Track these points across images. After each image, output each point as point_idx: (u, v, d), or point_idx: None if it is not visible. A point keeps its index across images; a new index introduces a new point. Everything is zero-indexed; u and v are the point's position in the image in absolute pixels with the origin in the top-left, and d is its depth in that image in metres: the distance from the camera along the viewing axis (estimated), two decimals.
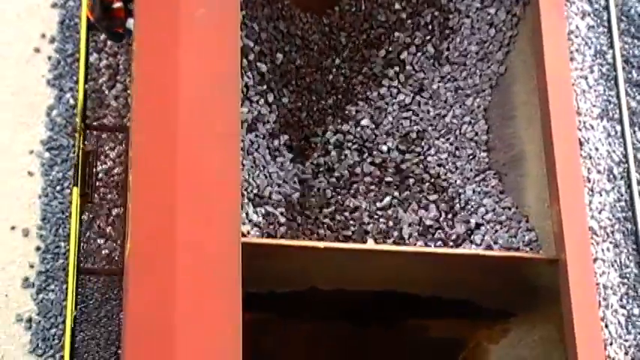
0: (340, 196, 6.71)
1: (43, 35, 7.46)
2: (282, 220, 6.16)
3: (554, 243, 5.98)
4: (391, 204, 6.73)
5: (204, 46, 5.30)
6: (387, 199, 6.74)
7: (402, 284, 6.07)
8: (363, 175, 6.93)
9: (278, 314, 6.23)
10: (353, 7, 7.52)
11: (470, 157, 7.00)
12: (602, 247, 7.87)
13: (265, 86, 6.69)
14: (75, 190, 6.51)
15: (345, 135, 7.14)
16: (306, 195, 6.70)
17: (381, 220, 6.51)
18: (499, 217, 6.54)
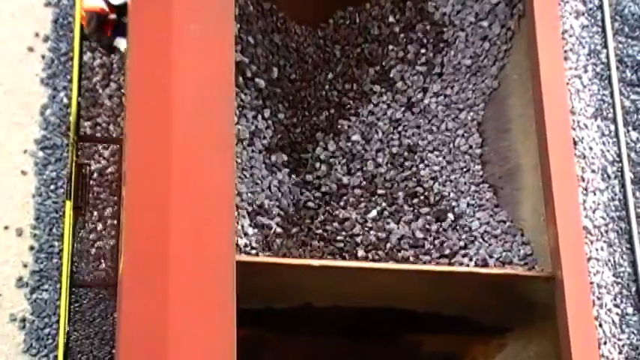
0: (332, 209, 6.69)
1: (36, 34, 7.44)
2: (279, 231, 6.18)
3: (550, 259, 5.97)
4: (382, 216, 6.68)
5: (197, 62, 5.27)
6: (377, 211, 6.69)
7: (398, 301, 6.05)
8: (354, 189, 6.89)
9: (276, 330, 6.21)
10: (347, 20, 7.53)
11: (464, 170, 6.96)
12: (596, 246, 7.88)
13: (261, 102, 6.70)
14: (68, 204, 6.46)
15: (337, 150, 7.12)
16: (301, 207, 6.70)
17: (372, 232, 6.48)
18: (494, 231, 6.51)
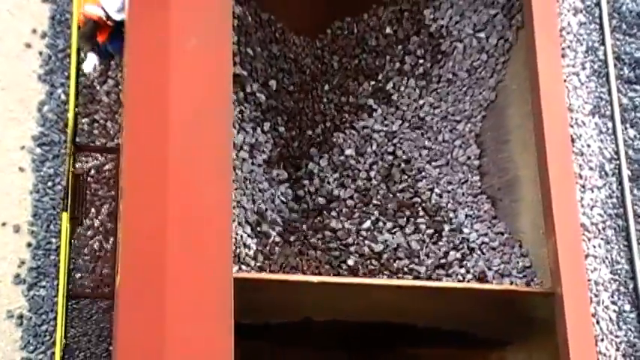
0: (328, 220, 6.68)
1: (34, 30, 7.43)
2: (277, 240, 6.20)
3: (549, 273, 5.94)
4: (377, 227, 6.67)
5: (195, 75, 5.22)
6: (371, 221, 6.68)
7: (397, 315, 6.03)
8: (349, 200, 6.88)
9: (275, 344, 6.21)
10: (345, 31, 7.53)
11: (462, 181, 6.93)
12: (593, 243, 7.89)
13: (261, 114, 6.71)
14: (65, 215, 6.42)
15: (333, 162, 7.12)
16: (298, 218, 6.70)
17: (366, 242, 6.47)
18: (492, 243, 6.49)
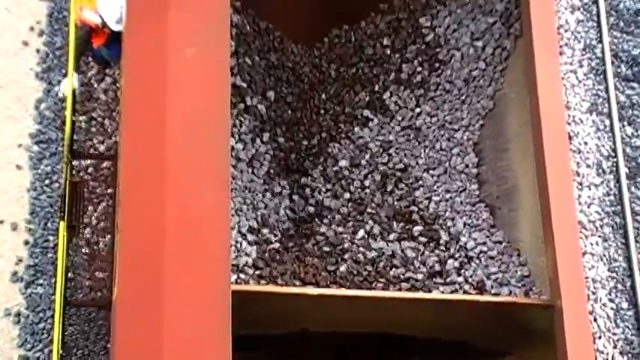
0: (325, 228, 6.69)
1: (31, 28, 7.41)
2: (276, 246, 6.24)
3: (548, 283, 5.91)
4: (373, 234, 6.66)
5: (193, 86, 5.18)
6: (365, 230, 6.67)
7: (396, 327, 6.02)
8: (345, 208, 6.89)
9: (272, 354, 6.18)
10: (343, 39, 7.52)
11: (460, 190, 6.91)
12: (590, 240, 7.90)
13: (259, 125, 6.71)
14: (62, 224, 6.40)
15: (330, 172, 7.12)
16: (296, 226, 6.72)
17: (361, 250, 6.47)
18: (490, 252, 6.46)
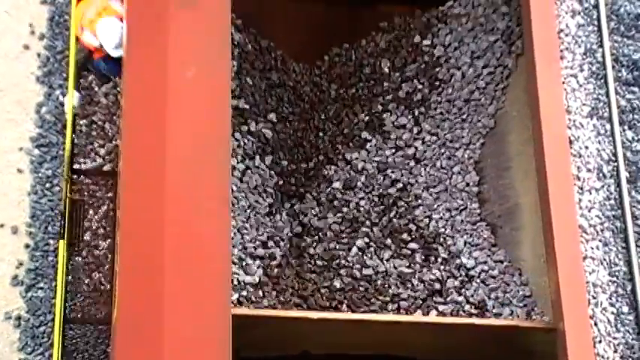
0: (324, 246, 6.70)
1: (32, 32, 7.42)
2: (276, 264, 6.26)
3: (550, 304, 5.86)
4: (371, 252, 6.65)
5: (193, 107, 5.14)
6: (360, 245, 6.68)
7: (397, 349, 5.98)
8: (338, 226, 6.88)
9: None
10: (343, 57, 7.53)
11: (461, 208, 6.88)
12: (591, 245, 7.89)
13: (262, 146, 6.74)
14: (62, 243, 6.39)
15: (330, 191, 7.12)
16: (297, 245, 6.73)
17: (356, 267, 6.46)
18: (491, 271, 6.43)
